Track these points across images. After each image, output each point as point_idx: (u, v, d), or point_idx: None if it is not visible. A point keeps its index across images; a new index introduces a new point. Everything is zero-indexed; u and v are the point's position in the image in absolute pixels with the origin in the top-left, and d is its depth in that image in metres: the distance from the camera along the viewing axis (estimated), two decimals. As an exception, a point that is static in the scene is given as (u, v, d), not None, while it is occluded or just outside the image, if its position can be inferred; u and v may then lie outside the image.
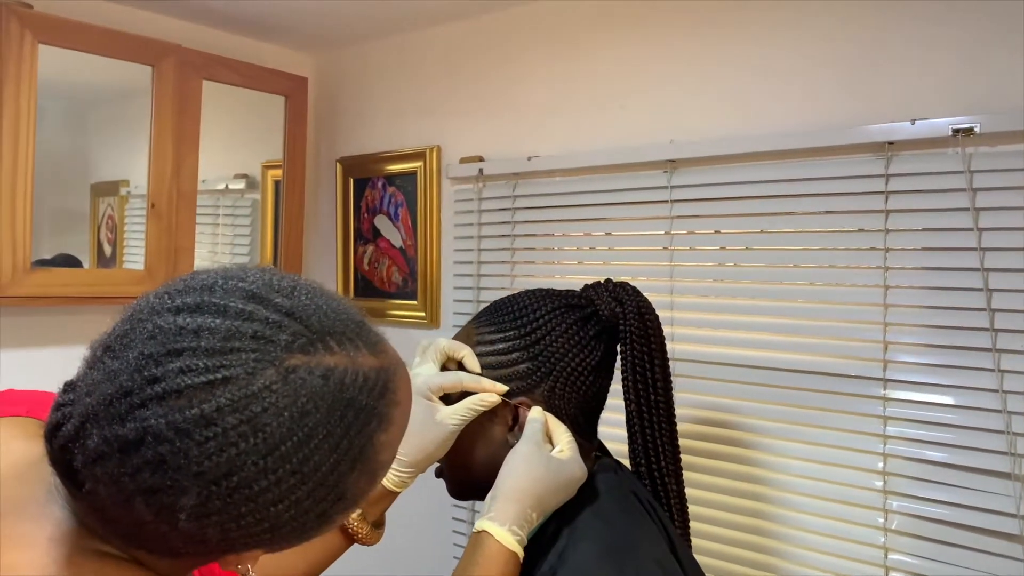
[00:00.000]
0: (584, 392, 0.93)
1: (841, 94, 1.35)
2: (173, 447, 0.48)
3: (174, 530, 0.50)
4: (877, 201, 1.29)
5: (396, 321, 2.05)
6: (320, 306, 0.56)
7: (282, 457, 0.51)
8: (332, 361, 0.54)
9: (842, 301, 1.34)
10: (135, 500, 0.49)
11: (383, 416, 0.57)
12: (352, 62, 2.20)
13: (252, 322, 0.52)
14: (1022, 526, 1.16)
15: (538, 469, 0.85)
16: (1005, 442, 1.17)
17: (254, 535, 0.53)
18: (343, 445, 0.54)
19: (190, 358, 0.49)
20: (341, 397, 0.53)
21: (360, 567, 2.19)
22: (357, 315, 0.59)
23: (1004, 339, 1.18)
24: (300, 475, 0.52)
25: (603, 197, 1.62)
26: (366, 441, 0.55)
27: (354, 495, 0.57)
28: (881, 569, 1.28)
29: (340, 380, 0.54)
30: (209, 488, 0.49)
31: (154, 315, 0.52)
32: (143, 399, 0.48)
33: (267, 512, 0.52)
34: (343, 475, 0.54)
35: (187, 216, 1.84)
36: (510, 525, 0.82)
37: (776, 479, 1.40)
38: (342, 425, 0.53)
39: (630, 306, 0.96)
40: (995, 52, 1.20)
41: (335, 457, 0.53)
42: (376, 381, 0.56)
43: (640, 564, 0.81)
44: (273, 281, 0.56)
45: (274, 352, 0.51)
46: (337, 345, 0.55)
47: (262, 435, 0.50)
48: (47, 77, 1.59)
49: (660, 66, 1.57)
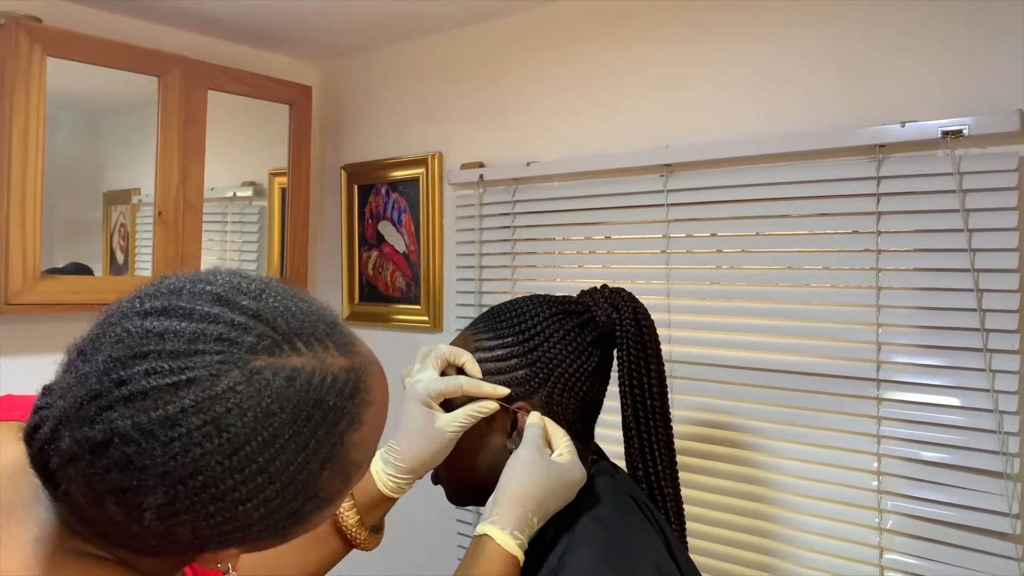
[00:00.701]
0: (581, 397, 0.94)
1: (833, 98, 1.36)
2: (139, 448, 0.49)
3: (145, 529, 0.52)
4: (869, 203, 1.30)
5: (400, 325, 2.07)
6: (288, 308, 0.57)
7: (247, 457, 0.51)
8: (299, 362, 0.55)
9: (836, 303, 1.35)
10: (106, 500, 0.51)
11: (354, 416, 0.57)
12: (355, 71, 2.23)
13: (217, 324, 0.53)
14: (1015, 525, 1.17)
15: (539, 473, 0.86)
16: (997, 441, 1.18)
17: (226, 534, 0.54)
18: (311, 445, 0.54)
19: (155, 360, 0.50)
20: (307, 397, 0.54)
21: (364, 571, 2.21)
22: (328, 316, 0.60)
23: (995, 339, 1.19)
24: (267, 474, 0.52)
25: (601, 201, 1.64)
26: (336, 441, 0.56)
27: (328, 494, 0.58)
28: (876, 568, 1.29)
29: (307, 381, 0.54)
30: (176, 488, 0.50)
31: (123, 319, 0.53)
32: (110, 401, 0.49)
33: (235, 511, 0.52)
34: (313, 474, 0.55)
35: (193, 224, 1.87)
36: (511, 529, 0.83)
37: (772, 479, 1.41)
38: (309, 425, 0.54)
39: (626, 312, 0.97)
40: (984, 55, 1.21)
41: (303, 457, 0.54)
42: (346, 381, 0.57)
43: (638, 568, 0.82)
44: (241, 284, 0.57)
45: (238, 354, 0.52)
46: (304, 346, 0.56)
47: (226, 435, 0.51)
48: (59, 88, 1.62)
49: (655, 72, 1.58)
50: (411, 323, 2.05)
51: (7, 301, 1.57)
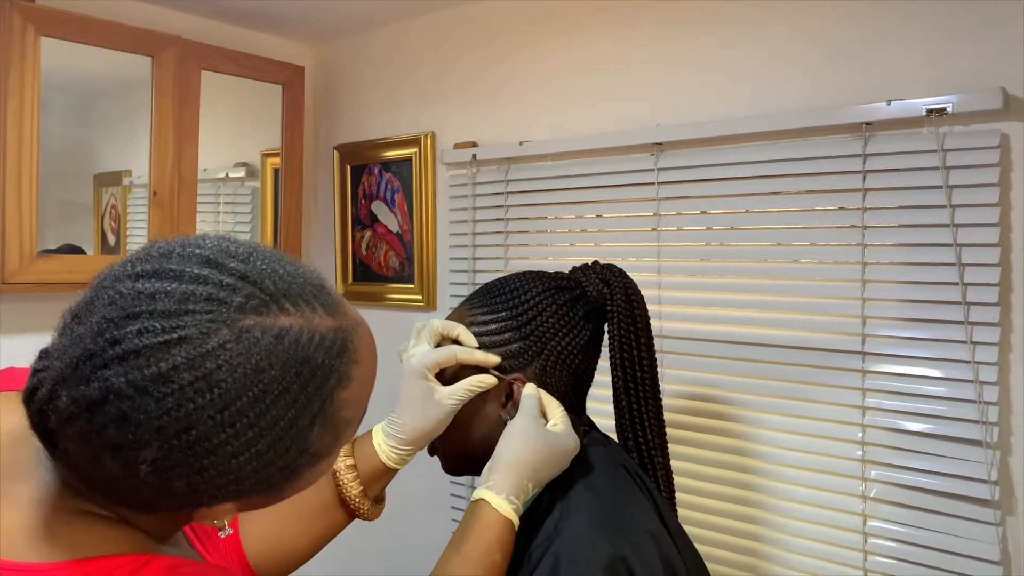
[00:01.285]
0: (574, 370, 0.97)
1: (820, 77, 1.38)
2: (134, 404, 0.51)
3: (142, 484, 0.54)
4: (855, 180, 1.33)
5: (394, 304, 2.10)
6: (276, 270, 0.59)
7: (238, 412, 0.54)
8: (287, 321, 0.57)
9: (823, 278, 1.38)
10: (103, 456, 0.53)
11: (343, 374, 0.60)
12: (348, 51, 2.23)
13: (206, 285, 0.55)
14: (994, 491, 1.21)
15: (535, 441, 0.88)
16: (977, 411, 1.22)
17: (220, 487, 0.56)
18: (301, 401, 0.57)
19: (147, 320, 0.52)
20: (296, 355, 0.56)
21: (364, 540, 2.25)
22: (316, 279, 0.62)
23: (976, 312, 1.22)
24: (258, 428, 0.55)
25: (593, 180, 1.66)
26: (326, 398, 0.59)
27: (318, 450, 0.60)
28: (860, 535, 1.33)
29: (295, 339, 0.57)
30: (170, 442, 0.52)
31: (115, 282, 0.55)
32: (105, 360, 0.52)
33: (229, 465, 0.55)
34: (304, 430, 0.58)
35: (188, 204, 1.88)
36: (507, 494, 0.85)
37: (760, 450, 1.45)
38: (299, 381, 0.56)
39: (617, 287, 1.00)
40: (968, 34, 1.24)
41: (293, 412, 0.56)
42: (334, 340, 0.59)
43: (631, 533, 0.84)
44: (229, 248, 0.59)
45: (227, 313, 0.54)
46: (292, 306, 0.58)
47: (217, 391, 0.53)
48: (49, 70, 1.62)
49: (646, 52, 1.60)
50: (405, 302, 2.07)
51: (5, 280, 1.58)
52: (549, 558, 0.82)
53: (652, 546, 0.84)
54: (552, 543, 0.84)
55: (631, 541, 0.83)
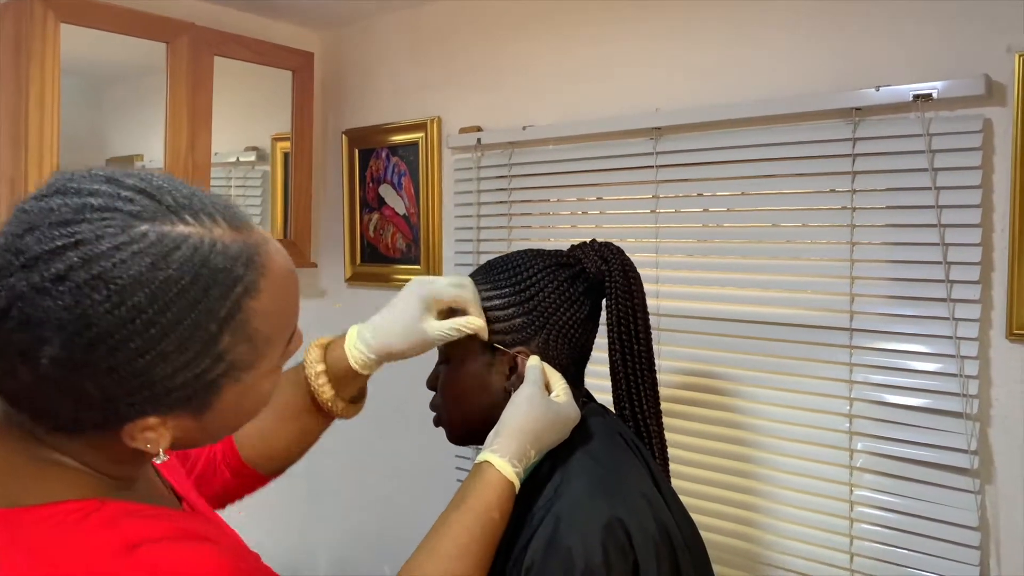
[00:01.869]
0: (574, 343, 1.02)
1: (813, 63, 1.43)
2: (34, 304, 0.54)
3: (58, 391, 0.57)
4: (845, 163, 1.38)
5: (400, 285, 2.11)
6: (179, 188, 0.60)
7: (135, 307, 0.55)
8: (186, 230, 0.58)
9: (814, 257, 1.44)
10: (17, 365, 0.56)
11: (249, 284, 0.61)
12: (356, 38, 2.28)
13: (102, 197, 0.57)
14: (973, 460, 1.26)
15: (539, 409, 0.91)
16: (959, 384, 1.27)
17: (133, 392, 0.58)
18: (204, 303, 0.58)
19: (46, 230, 0.55)
20: (194, 258, 0.58)
21: (371, 508, 2.32)
22: (224, 201, 0.63)
23: (958, 290, 1.27)
24: (160, 327, 0.56)
25: (594, 164, 1.71)
26: (233, 305, 0.60)
27: (236, 361, 0.62)
28: (847, 503, 1.39)
29: (193, 245, 0.58)
30: (72, 340, 0.55)
31: (23, 205, 0.58)
32: (11, 271, 0.55)
33: (135, 365, 0.57)
34: (213, 335, 0.59)
35: (202, 187, 1.93)
36: (511, 458, 0.88)
37: (752, 423, 1.51)
38: (198, 283, 0.58)
39: (615, 264, 1.05)
40: (953, 21, 1.28)
41: (196, 314, 0.58)
42: (239, 252, 0.60)
43: (628, 496, 0.89)
44: (132, 171, 0.61)
45: (122, 218, 0.56)
46: (192, 219, 0.59)
47: (113, 287, 0.55)
48: (64, 55, 1.66)
49: (646, 40, 1.65)
50: (412, 282, 2.13)
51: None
52: (550, 519, 0.87)
53: (647, 508, 0.89)
54: (553, 505, 0.88)
55: (627, 503, 0.88)
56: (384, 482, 2.24)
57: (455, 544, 0.83)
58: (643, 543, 0.85)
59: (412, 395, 1.22)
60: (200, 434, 0.66)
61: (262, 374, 0.66)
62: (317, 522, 2.43)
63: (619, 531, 0.85)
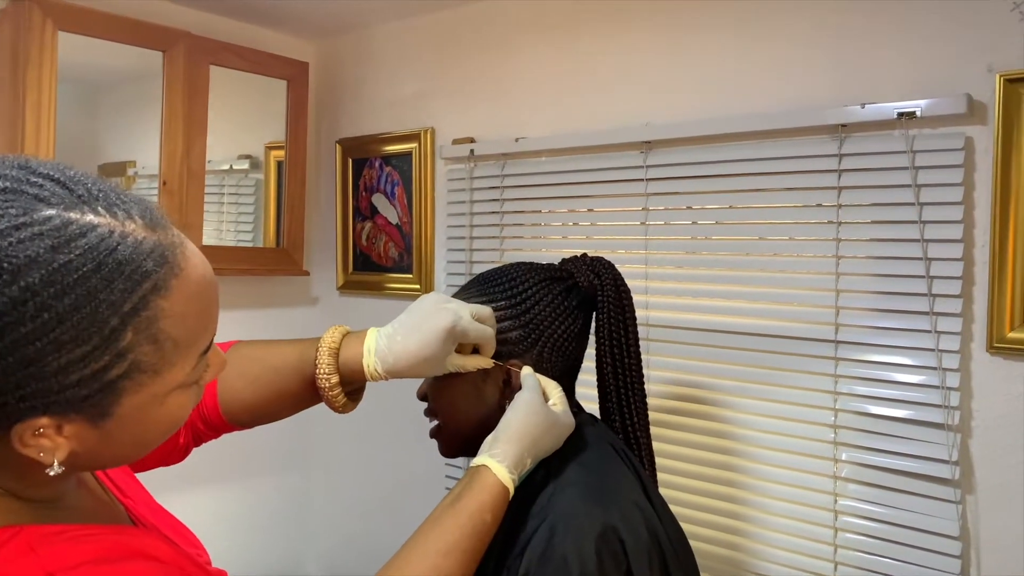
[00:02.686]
0: (568, 356, 1.04)
1: (801, 80, 1.46)
2: None
3: None
4: (831, 179, 1.40)
5: (393, 293, 2.17)
6: (98, 183, 0.58)
7: (28, 289, 0.52)
8: (95, 220, 0.56)
9: (800, 271, 1.46)
10: None
11: (159, 282, 0.58)
12: (351, 48, 2.30)
13: (10, 180, 0.55)
14: (954, 471, 1.29)
15: (538, 416, 0.92)
16: (940, 396, 1.30)
17: (23, 383, 0.54)
18: (106, 295, 0.55)
19: None
20: (100, 246, 0.55)
21: (361, 520, 2.33)
22: (146, 201, 0.60)
23: (941, 303, 1.30)
24: (54, 313, 0.53)
25: (585, 176, 1.74)
26: (139, 301, 0.56)
27: (140, 362, 0.58)
28: (831, 512, 1.42)
29: (100, 236, 0.55)
30: None
31: None
32: None
33: (25, 352, 0.53)
34: (115, 331, 0.56)
35: (196, 194, 1.95)
36: (508, 463, 0.89)
37: (739, 433, 1.53)
38: (101, 272, 0.54)
39: (607, 278, 1.07)
40: (937, 41, 1.31)
41: (95, 304, 0.54)
42: (151, 248, 0.58)
43: (621, 505, 0.91)
44: (61, 165, 0.58)
45: (27, 202, 0.54)
46: (105, 211, 0.56)
47: (7, 265, 0.52)
48: (62, 63, 1.67)
49: (638, 55, 1.68)
50: (403, 291, 2.15)
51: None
52: (545, 528, 0.88)
53: (639, 516, 0.91)
54: (547, 514, 0.90)
55: (621, 512, 0.89)
56: (374, 489, 2.25)
57: (444, 541, 0.83)
58: (636, 551, 0.87)
59: (403, 404, 1.23)
60: (102, 448, 0.61)
61: (170, 387, 0.62)
62: (307, 528, 2.43)
63: (613, 539, 0.86)
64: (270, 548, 2.33)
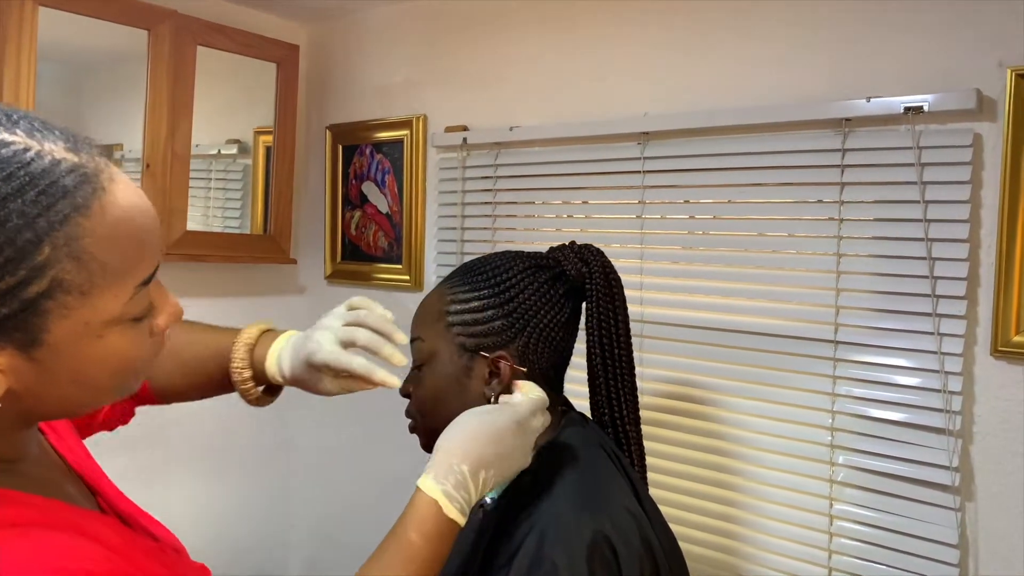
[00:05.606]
0: (555, 346, 0.99)
1: (804, 72, 1.42)
2: None
3: None
4: (834, 174, 1.36)
5: (381, 284, 2.13)
6: (23, 112, 0.58)
7: None
8: (12, 138, 0.55)
9: (800, 268, 1.42)
10: None
11: (80, 201, 0.56)
12: (342, 32, 2.25)
13: None
14: (954, 477, 1.25)
15: (483, 423, 0.86)
16: (942, 400, 1.26)
17: None
18: (15, 205, 0.53)
19: None
20: (13, 159, 0.54)
21: (347, 525, 2.29)
22: (79, 134, 0.60)
23: (944, 305, 1.26)
24: None
25: (580, 167, 1.69)
26: (59, 219, 0.55)
27: (61, 279, 0.56)
28: (827, 517, 1.38)
29: (15, 151, 0.55)
30: None
31: None
32: None
33: None
34: (32, 245, 0.54)
35: (181, 178, 1.90)
36: (434, 473, 0.82)
37: (734, 434, 1.49)
38: (12, 184, 0.54)
39: (595, 266, 1.03)
40: (946, 35, 1.27)
41: (5, 214, 0.53)
42: (71, 167, 0.57)
43: (612, 511, 0.88)
44: None
45: None
46: (25, 133, 0.56)
47: None
48: (42, 40, 1.63)
49: (635, 43, 1.63)
50: (392, 282, 2.10)
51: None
52: (535, 535, 0.85)
53: (632, 524, 0.88)
54: (536, 520, 0.87)
55: (613, 519, 0.86)
56: (357, 488, 2.21)
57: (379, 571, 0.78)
58: (628, 560, 0.84)
59: (386, 401, 1.19)
60: (41, 387, 0.59)
61: (104, 317, 0.59)
62: (289, 527, 2.39)
63: (605, 547, 0.83)
64: (252, 548, 2.29)
